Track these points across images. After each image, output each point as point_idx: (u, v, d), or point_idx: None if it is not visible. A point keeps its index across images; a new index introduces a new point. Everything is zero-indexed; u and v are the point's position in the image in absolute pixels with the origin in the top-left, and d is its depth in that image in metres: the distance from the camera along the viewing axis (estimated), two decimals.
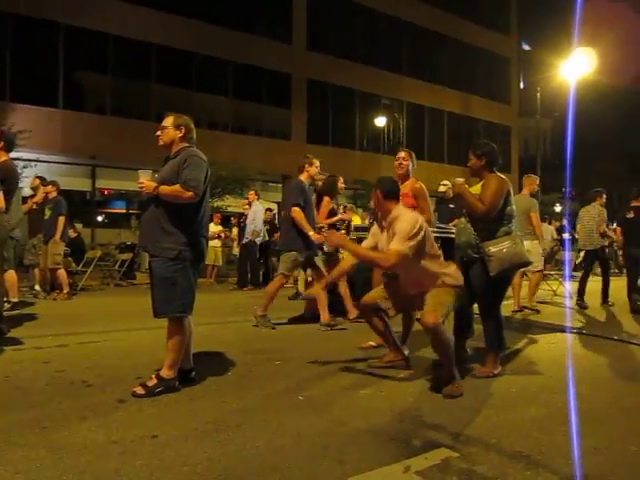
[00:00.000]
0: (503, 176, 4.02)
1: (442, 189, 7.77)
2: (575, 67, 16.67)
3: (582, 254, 8.90)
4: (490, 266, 3.78)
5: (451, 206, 7.38)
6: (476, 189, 4.01)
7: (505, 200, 3.90)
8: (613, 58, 25.22)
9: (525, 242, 6.76)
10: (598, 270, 8.85)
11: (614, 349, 5.24)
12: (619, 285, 8.49)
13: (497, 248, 3.78)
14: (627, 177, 28.39)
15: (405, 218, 3.64)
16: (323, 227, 6.06)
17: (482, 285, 3.91)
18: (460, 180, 4.16)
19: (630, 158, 37.15)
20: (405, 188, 4.80)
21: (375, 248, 3.87)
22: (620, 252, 10.71)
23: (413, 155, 5.19)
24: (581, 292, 8.17)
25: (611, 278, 8.69)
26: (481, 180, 4.04)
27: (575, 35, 14.56)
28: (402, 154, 5.15)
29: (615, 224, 9.03)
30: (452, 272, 3.72)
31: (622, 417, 3.14)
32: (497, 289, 3.97)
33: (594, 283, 8.69)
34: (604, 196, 8.37)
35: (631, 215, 7.84)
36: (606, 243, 8.31)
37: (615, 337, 5.63)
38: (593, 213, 8.22)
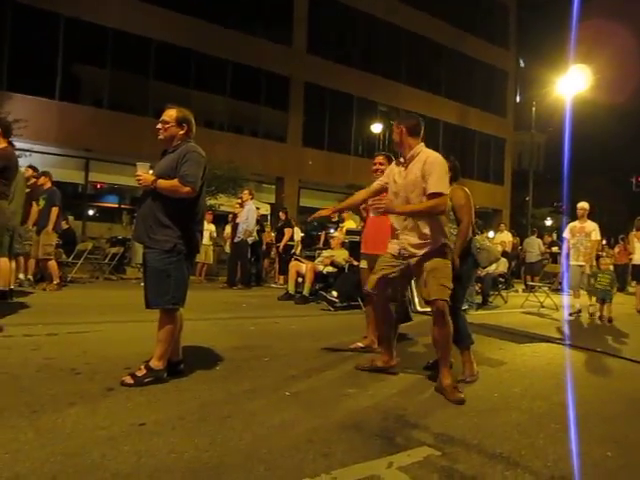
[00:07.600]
0: (466, 188, 4.27)
1: None
2: (570, 84, 16.84)
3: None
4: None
5: None
6: None
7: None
8: (607, 76, 25.57)
9: None
10: None
11: (597, 361, 5.33)
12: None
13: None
14: (610, 191, 28.93)
15: (436, 159, 3.68)
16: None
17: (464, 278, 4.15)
18: None
19: (613, 172, 37.97)
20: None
21: (384, 186, 3.99)
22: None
23: (392, 157, 4.62)
24: None
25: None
26: None
27: (570, 52, 14.75)
28: (379, 159, 4.82)
29: None
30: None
31: (602, 424, 3.21)
32: (463, 283, 4.16)
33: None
34: None
35: None
36: None
37: (599, 349, 5.73)
38: None
